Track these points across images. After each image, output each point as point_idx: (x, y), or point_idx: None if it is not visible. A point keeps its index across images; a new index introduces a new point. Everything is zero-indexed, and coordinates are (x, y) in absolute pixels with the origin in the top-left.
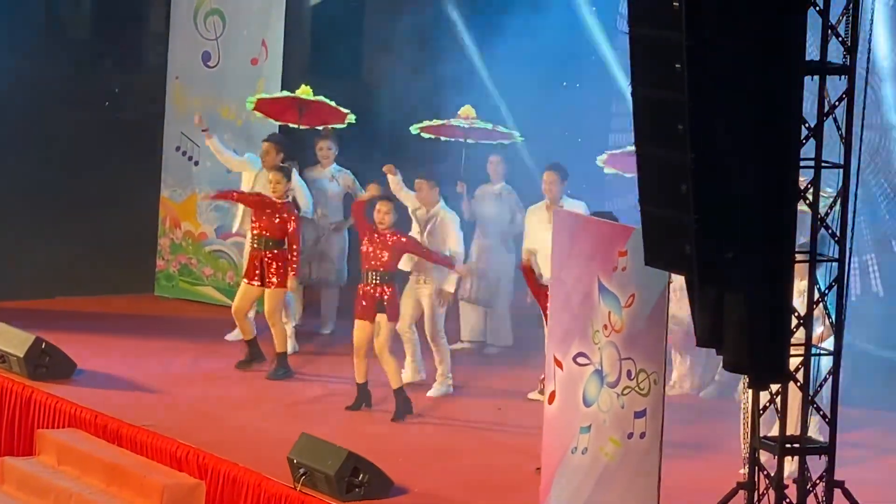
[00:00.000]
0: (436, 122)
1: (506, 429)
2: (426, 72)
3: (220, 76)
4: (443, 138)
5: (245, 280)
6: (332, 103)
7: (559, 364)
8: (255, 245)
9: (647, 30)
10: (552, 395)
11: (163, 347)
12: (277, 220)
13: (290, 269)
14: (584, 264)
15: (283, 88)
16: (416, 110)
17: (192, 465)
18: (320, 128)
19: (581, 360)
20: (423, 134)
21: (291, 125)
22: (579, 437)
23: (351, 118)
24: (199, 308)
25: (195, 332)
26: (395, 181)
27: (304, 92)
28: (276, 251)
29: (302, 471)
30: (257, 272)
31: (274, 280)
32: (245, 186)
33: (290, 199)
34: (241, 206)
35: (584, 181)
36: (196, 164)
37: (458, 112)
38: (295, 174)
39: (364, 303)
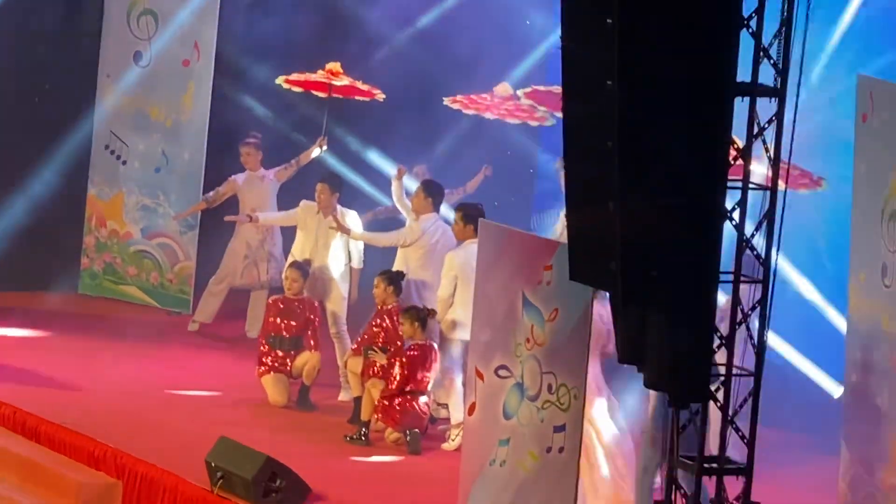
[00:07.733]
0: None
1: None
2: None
3: (150, 76)
4: None
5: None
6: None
7: (480, 376)
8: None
9: (579, 49)
10: (472, 407)
11: (85, 346)
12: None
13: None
14: (508, 277)
15: (213, 91)
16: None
17: (110, 464)
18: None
19: (502, 372)
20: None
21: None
22: (498, 450)
23: (380, 95)
24: (122, 307)
25: (118, 330)
26: (398, 186)
27: (334, 68)
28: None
29: (219, 474)
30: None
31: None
32: (298, 248)
33: (305, 295)
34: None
35: None
36: (124, 163)
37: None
38: (357, 220)
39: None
